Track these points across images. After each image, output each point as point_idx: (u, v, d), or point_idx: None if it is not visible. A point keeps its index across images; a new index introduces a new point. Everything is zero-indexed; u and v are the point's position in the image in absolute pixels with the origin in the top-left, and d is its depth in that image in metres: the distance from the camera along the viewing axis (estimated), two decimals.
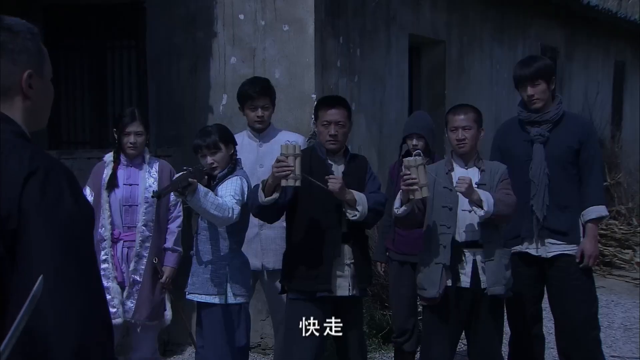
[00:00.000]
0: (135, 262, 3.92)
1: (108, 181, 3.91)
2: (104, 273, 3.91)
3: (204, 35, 5.23)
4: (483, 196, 3.46)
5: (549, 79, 3.95)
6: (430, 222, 3.62)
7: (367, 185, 3.58)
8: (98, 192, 3.95)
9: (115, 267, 3.91)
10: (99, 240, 3.88)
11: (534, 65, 3.94)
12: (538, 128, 3.97)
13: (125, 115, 3.93)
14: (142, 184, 3.95)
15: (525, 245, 4.01)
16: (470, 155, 3.67)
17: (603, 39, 10.99)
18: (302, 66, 4.97)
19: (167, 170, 4.06)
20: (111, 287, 3.90)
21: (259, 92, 4.01)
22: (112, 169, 3.94)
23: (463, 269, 3.54)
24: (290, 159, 3.23)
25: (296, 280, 3.53)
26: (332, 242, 3.47)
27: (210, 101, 5.25)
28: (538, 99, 3.93)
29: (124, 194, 3.94)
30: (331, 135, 3.48)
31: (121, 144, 3.90)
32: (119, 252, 3.93)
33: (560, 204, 3.94)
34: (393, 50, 6.17)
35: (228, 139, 3.68)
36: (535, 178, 3.92)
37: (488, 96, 7.69)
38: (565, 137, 3.95)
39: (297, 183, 3.25)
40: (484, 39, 7.86)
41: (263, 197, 3.33)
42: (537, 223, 3.93)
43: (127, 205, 3.94)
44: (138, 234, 3.91)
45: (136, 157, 3.98)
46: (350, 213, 3.39)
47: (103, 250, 3.88)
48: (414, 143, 4.29)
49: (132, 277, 3.93)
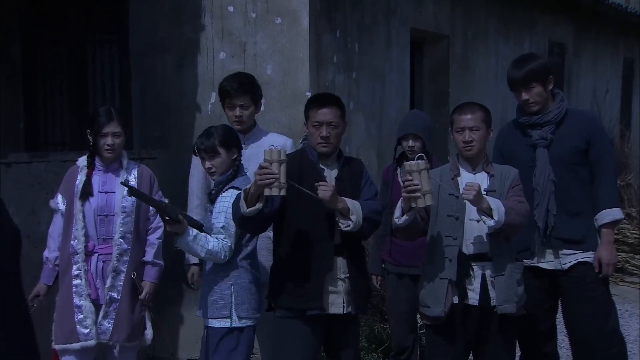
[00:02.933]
0: (112, 278, 3.67)
1: (82, 189, 3.65)
2: (76, 290, 3.65)
3: (191, 29, 5.10)
4: (493, 204, 3.22)
5: (544, 80, 3.68)
6: (435, 233, 3.41)
7: (362, 192, 3.39)
8: (70, 200, 3.68)
9: (88, 283, 3.65)
10: (71, 254, 3.63)
11: (525, 67, 3.68)
12: (540, 131, 3.72)
13: (101, 114, 3.66)
14: (118, 192, 3.68)
15: (536, 259, 3.75)
16: (478, 159, 3.44)
17: (611, 35, 10.86)
18: (296, 62, 4.82)
19: (147, 177, 3.80)
20: (84, 305, 3.64)
21: (237, 89, 3.81)
22: (85, 174, 3.68)
23: (471, 284, 3.33)
24: (275, 165, 3.01)
25: (284, 296, 3.31)
26: (324, 254, 3.26)
27: (197, 99, 5.09)
28: (534, 103, 3.70)
29: (98, 202, 3.67)
30: (323, 137, 3.28)
31: (97, 147, 3.64)
32: (93, 266, 3.67)
33: (572, 211, 3.67)
34: (393, 45, 6.03)
35: (230, 142, 3.47)
36: (539, 186, 3.68)
37: (493, 94, 7.51)
38: (570, 137, 3.68)
39: (281, 192, 3.03)
40: (489, 34, 7.72)
41: (245, 207, 3.10)
42: (539, 235, 3.68)
43: (102, 215, 3.67)
44: (115, 246, 3.66)
45: (113, 162, 3.72)
46: (343, 223, 3.18)
47: (75, 265, 3.63)
48: (410, 144, 4.07)
49: (109, 294, 3.67)
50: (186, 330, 5.12)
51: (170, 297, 5.02)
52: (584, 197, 3.68)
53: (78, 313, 3.62)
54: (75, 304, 3.62)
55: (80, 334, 3.62)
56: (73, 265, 3.63)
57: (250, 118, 3.88)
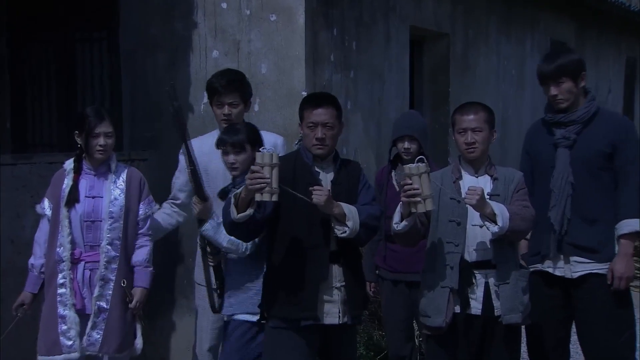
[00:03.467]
0: (100, 287, 3.54)
1: (68, 194, 3.52)
2: (61, 299, 3.53)
3: (183, 26, 5.03)
4: (497, 209, 3.12)
5: (575, 76, 3.50)
6: (435, 239, 3.32)
7: (359, 196, 3.28)
8: (57, 205, 3.56)
9: (74, 292, 3.52)
10: (56, 262, 3.52)
11: (556, 61, 3.51)
12: (563, 130, 3.55)
13: (90, 114, 3.55)
14: (106, 197, 3.56)
15: (546, 264, 3.58)
16: (481, 161, 3.33)
17: (613, 34, 10.80)
18: (292, 60, 4.74)
19: (136, 180, 3.68)
20: (68, 315, 3.51)
21: (225, 86, 3.69)
22: (72, 179, 3.55)
23: (473, 293, 3.23)
24: (266, 169, 2.91)
25: (277, 306, 3.21)
26: (319, 262, 3.15)
27: (190, 99, 5.00)
28: (562, 99, 3.52)
29: (85, 208, 3.55)
30: (318, 139, 3.18)
31: (89, 148, 3.52)
32: (79, 274, 3.55)
33: (588, 217, 3.49)
34: (393, 44, 5.93)
35: (256, 141, 3.46)
36: (556, 187, 3.51)
37: (494, 94, 7.46)
38: (596, 140, 3.50)
39: (273, 198, 2.94)
40: (491, 33, 7.65)
41: (235, 213, 3.01)
42: (554, 238, 3.51)
43: (89, 221, 3.55)
44: (102, 254, 3.55)
45: (101, 165, 3.60)
46: (338, 229, 3.09)
47: (61, 273, 3.52)
48: (406, 146, 3.97)
49: (97, 304, 3.55)
50: (178, 337, 5.02)
51: (161, 303, 4.91)
52: (604, 203, 3.49)
53: (62, 324, 3.50)
54: (59, 313, 3.51)
55: (63, 345, 3.50)
56: (58, 273, 3.52)
57: (239, 117, 3.76)
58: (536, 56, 8.53)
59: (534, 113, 8.38)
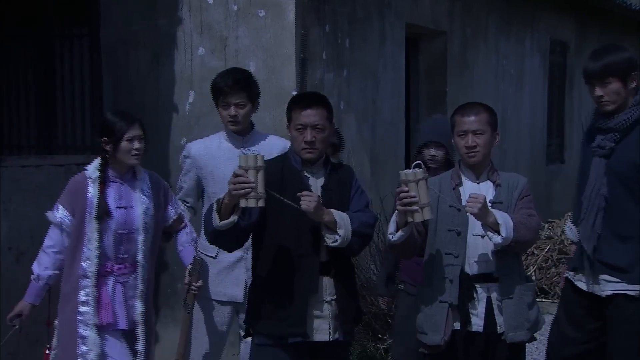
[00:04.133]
0: (143, 302, 3.44)
1: (98, 207, 3.33)
2: (82, 318, 3.32)
3: (167, 22, 4.96)
4: (500, 218, 2.95)
5: (624, 76, 3.21)
6: (433, 250, 3.15)
7: (352, 202, 3.15)
8: (81, 217, 3.36)
9: (97, 311, 3.35)
10: (79, 277, 3.33)
11: (604, 58, 3.21)
12: (601, 137, 3.27)
13: (117, 119, 3.37)
14: (138, 207, 3.40)
15: (577, 277, 3.38)
16: (482, 166, 3.16)
17: (614, 34, 10.76)
18: (281, 58, 4.69)
19: (160, 185, 3.53)
20: (89, 336, 3.32)
21: (232, 85, 3.59)
22: (98, 189, 3.35)
23: (474, 308, 3.08)
24: (251, 172, 2.79)
25: (263, 321, 3.07)
26: (308, 273, 3.03)
27: (175, 98, 4.95)
28: (608, 102, 3.23)
29: (117, 220, 3.37)
30: (307, 142, 3.04)
31: (121, 154, 3.34)
32: (109, 288, 3.38)
33: (621, 234, 3.25)
34: (388, 41, 5.89)
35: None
36: (586, 199, 3.28)
37: (493, 94, 7.44)
38: (632, 150, 3.22)
39: (259, 203, 2.81)
40: (489, 31, 7.65)
41: (218, 220, 2.86)
42: (586, 254, 3.30)
43: (121, 232, 3.38)
44: (140, 267, 3.41)
45: (127, 172, 3.43)
46: (329, 238, 2.96)
47: (83, 290, 3.32)
48: (432, 153, 3.73)
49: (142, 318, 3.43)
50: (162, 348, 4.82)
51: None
52: (638, 220, 3.24)
53: (82, 344, 3.32)
54: (79, 334, 3.32)
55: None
56: (80, 289, 3.33)
57: (247, 118, 3.66)
58: (536, 55, 8.57)
59: (533, 114, 8.46)
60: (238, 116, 3.60)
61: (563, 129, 9.41)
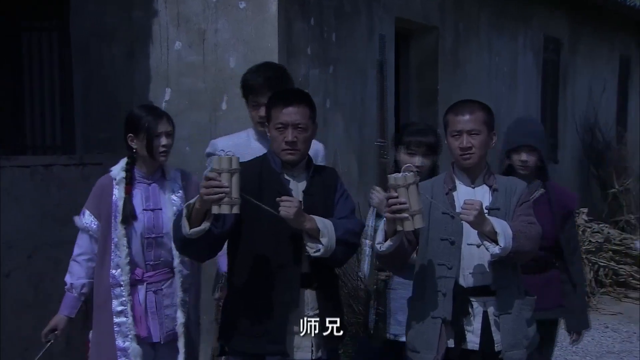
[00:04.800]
0: (182, 312, 3.27)
1: (123, 211, 3.18)
2: (119, 329, 3.20)
3: (142, 15, 4.83)
4: (498, 227, 2.77)
5: None
6: (425, 261, 2.97)
7: (336, 208, 3.00)
8: (106, 222, 3.21)
9: (136, 320, 3.21)
10: (110, 286, 3.21)
11: None
12: None
13: (143, 112, 3.25)
14: (168, 209, 3.23)
15: None
16: (478, 169, 2.99)
17: (607, 31, 10.79)
18: (263, 53, 4.53)
19: (192, 183, 3.34)
20: (130, 348, 3.17)
21: (262, 84, 3.38)
22: (123, 190, 3.20)
23: (470, 324, 2.91)
24: (224, 176, 2.63)
25: (239, 337, 2.92)
26: (288, 286, 2.89)
27: (150, 95, 4.82)
28: None
29: (145, 223, 3.21)
30: (288, 143, 2.90)
31: (149, 151, 3.19)
32: (141, 297, 3.24)
33: None
34: (376, 37, 5.75)
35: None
36: None
37: (486, 93, 7.33)
38: None
39: (234, 210, 2.65)
40: (482, 27, 7.58)
41: (188, 228, 2.70)
42: None
43: (150, 237, 3.22)
44: (177, 273, 3.25)
45: (155, 171, 3.27)
46: (311, 247, 2.81)
47: (117, 299, 3.20)
48: (523, 158, 3.47)
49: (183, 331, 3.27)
50: None
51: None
52: None
53: (122, 357, 3.18)
54: (118, 346, 3.18)
55: None
56: (113, 299, 3.20)
57: None
58: (529, 53, 8.51)
59: (526, 112, 8.34)
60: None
61: (557, 128, 9.38)
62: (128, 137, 3.24)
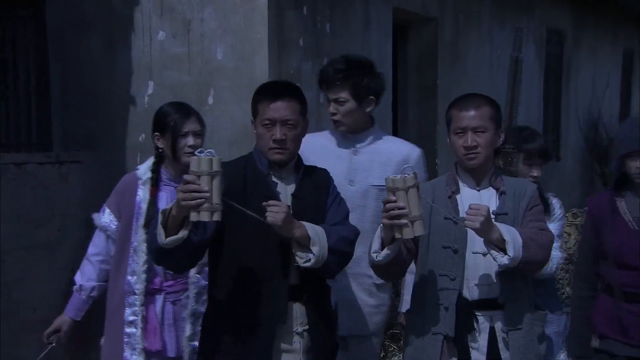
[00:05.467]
0: (192, 324, 3.16)
1: (147, 213, 3.07)
2: (128, 340, 3.13)
3: (123, 2, 4.62)
4: (507, 234, 2.57)
5: None
6: (425, 271, 2.79)
7: (328, 213, 2.84)
8: (127, 223, 3.13)
9: (146, 333, 3.13)
10: (125, 292, 3.13)
11: None
12: None
13: (173, 110, 3.16)
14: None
15: None
16: (483, 170, 2.80)
17: (611, 24, 10.66)
18: (252, 44, 4.33)
19: None
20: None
21: (332, 76, 3.22)
22: (149, 192, 3.11)
23: (475, 341, 2.72)
24: (204, 179, 2.45)
25: (221, 356, 2.76)
26: (275, 299, 2.73)
27: (132, 89, 4.59)
28: None
29: None
30: (276, 141, 2.74)
31: (175, 151, 3.10)
32: (158, 307, 3.15)
33: None
34: (373, 28, 5.57)
35: None
36: None
37: (487, 87, 7.05)
38: None
39: (214, 217, 2.48)
40: (483, 18, 7.39)
41: (164, 236, 2.52)
42: None
43: None
44: (191, 284, 3.17)
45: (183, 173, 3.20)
46: (301, 257, 2.64)
47: (130, 308, 3.13)
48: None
49: (190, 344, 3.16)
50: None
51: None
52: None
53: None
54: (125, 358, 3.13)
55: None
56: (126, 307, 3.13)
57: (350, 116, 3.25)
58: (531, 46, 8.34)
59: (528, 108, 8.19)
60: (337, 114, 3.24)
61: (559, 124, 9.22)
62: (154, 135, 3.17)
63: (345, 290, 3.25)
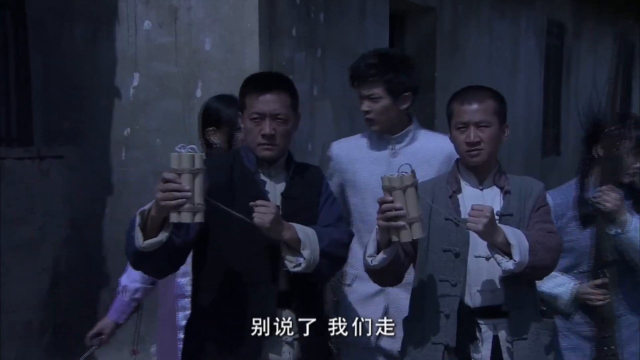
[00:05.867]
0: None
1: None
2: None
3: None
4: (512, 237, 2.48)
5: None
6: (424, 276, 2.69)
7: (320, 214, 2.76)
8: None
9: None
10: (176, 296, 3.11)
11: None
12: None
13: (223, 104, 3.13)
14: None
15: None
16: (487, 168, 2.70)
17: (612, 17, 10.65)
18: (242, 34, 4.34)
19: None
20: None
21: (365, 71, 3.08)
22: None
23: (477, 351, 2.63)
24: (185, 177, 2.35)
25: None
26: (263, 306, 2.64)
27: (116, 81, 4.61)
28: None
29: None
30: (265, 136, 2.64)
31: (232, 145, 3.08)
32: None
33: None
34: (369, 18, 5.59)
35: None
36: None
37: (487, 79, 7.11)
38: None
39: (196, 218, 2.38)
40: (482, 9, 7.42)
41: (141, 239, 2.41)
42: None
43: None
44: None
45: None
46: (290, 261, 2.56)
47: (182, 312, 3.09)
48: None
49: None
50: None
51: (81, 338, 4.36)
52: None
53: None
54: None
55: None
56: (179, 311, 3.10)
57: (385, 114, 3.09)
58: (531, 37, 8.36)
59: (528, 101, 8.20)
60: (371, 112, 3.10)
61: (559, 118, 9.25)
62: (207, 131, 3.12)
63: (399, 301, 3.16)
